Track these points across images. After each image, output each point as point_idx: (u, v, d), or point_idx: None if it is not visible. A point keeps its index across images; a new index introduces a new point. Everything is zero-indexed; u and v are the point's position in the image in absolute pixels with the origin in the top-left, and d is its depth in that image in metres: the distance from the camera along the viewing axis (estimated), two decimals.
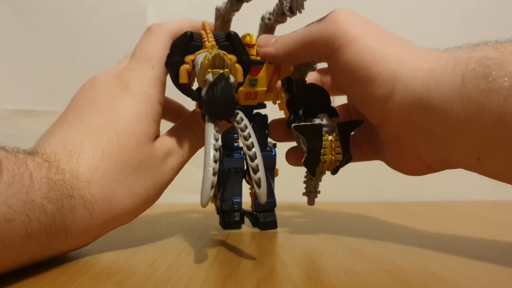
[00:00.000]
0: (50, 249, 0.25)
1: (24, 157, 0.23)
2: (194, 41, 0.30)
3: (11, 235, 0.21)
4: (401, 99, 0.28)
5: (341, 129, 0.31)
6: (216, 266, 0.26)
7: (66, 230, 0.25)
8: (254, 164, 0.25)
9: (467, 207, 0.56)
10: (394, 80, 0.28)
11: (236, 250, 0.30)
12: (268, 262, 0.27)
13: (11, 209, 0.21)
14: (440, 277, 0.24)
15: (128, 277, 0.23)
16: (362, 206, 0.54)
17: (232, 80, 0.27)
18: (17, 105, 0.59)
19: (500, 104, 0.23)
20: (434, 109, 0.26)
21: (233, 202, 0.37)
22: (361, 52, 0.29)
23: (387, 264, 0.27)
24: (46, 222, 0.23)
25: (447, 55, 0.27)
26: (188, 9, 0.62)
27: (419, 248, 0.31)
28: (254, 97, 0.35)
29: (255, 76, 0.34)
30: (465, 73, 0.25)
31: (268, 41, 0.34)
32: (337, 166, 0.32)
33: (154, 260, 0.27)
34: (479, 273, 0.26)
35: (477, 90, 0.24)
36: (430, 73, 0.27)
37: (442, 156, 0.28)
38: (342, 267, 0.26)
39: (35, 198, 0.22)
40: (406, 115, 0.28)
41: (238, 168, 0.37)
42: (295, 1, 0.30)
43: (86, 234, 0.27)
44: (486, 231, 0.40)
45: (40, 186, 0.23)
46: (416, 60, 0.28)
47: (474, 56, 0.25)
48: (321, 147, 0.31)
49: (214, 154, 0.24)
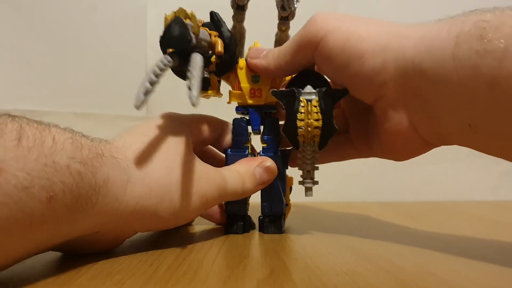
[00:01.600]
0: (79, 214, 0.23)
1: (47, 124, 0.22)
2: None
3: (30, 202, 0.20)
4: (394, 68, 0.28)
5: (322, 96, 0.32)
6: (216, 266, 0.26)
7: (97, 191, 0.23)
8: (191, 74, 0.27)
9: (467, 207, 0.56)
10: (385, 52, 0.28)
11: (236, 251, 0.30)
12: (268, 262, 0.27)
13: (29, 175, 0.20)
14: (440, 278, 0.24)
15: (128, 277, 0.23)
16: (362, 206, 0.54)
17: (190, 25, 0.29)
18: (17, 105, 0.59)
19: (494, 67, 0.23)
20: (427, 73, 0.26)
21: (237, 206, 0.36)
22: (343, 35, 0.29)
23: (387, 264, 0.27)
24: (70, 182, 0.21)
25: (440, 22, 0.27)
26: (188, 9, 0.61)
27: (419, 248, 0.31)
28: (259, 94, 0.36)
29: (257, 72, 0.35)
30: (459, 35, 0.24)
31: (259, 53, 0.34)
32: (320, 137, 0.32)
33: (154, 260, 0.27)
34: (479, 273, 0.26)
35: (471, 52, 0.24)
36: (422, 39, 0.27)
37: (436, 125, 0.28)
38: (342, 267, 0.26)
39: (58, 159, 0.21)
40: (400, 84, 0.28)
41: None
42: (285, 0, 0.33)
43: (115, 208, 0.25)
44: (486, 231, 0.40)
45: (63, 147, 0.22)
46: (406, 30, 0.28)
47: (469, 19, 0.25)
48: (297, 111, 0.32)
49: (156, 69, 0.27)
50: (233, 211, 0.36)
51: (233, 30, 0.37)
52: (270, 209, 0.36)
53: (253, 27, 0.38)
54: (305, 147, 0.33)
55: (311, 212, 0.48)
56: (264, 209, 0.36)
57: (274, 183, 0.35)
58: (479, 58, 0.23)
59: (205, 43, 0.32)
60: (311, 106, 0.32)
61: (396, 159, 0.33)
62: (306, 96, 0.32)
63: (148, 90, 0.26)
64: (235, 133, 0.36)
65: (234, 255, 0.29)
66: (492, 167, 0.65)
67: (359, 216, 0.48)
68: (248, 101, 0.36)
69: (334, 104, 0.32)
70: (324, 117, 0.32)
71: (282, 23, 0.36)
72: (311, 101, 0.32)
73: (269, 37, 0.38)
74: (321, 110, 0.32)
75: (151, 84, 0.26)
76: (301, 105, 0.32)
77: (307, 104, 0.32)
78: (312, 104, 0.32)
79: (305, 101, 0.32)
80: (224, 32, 0.34)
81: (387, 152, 0.33)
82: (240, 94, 0.36)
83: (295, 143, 0.33)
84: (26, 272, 0.23)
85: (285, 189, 0.36)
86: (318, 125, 0.32)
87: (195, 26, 0.30)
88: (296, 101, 0.32)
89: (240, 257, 0.28)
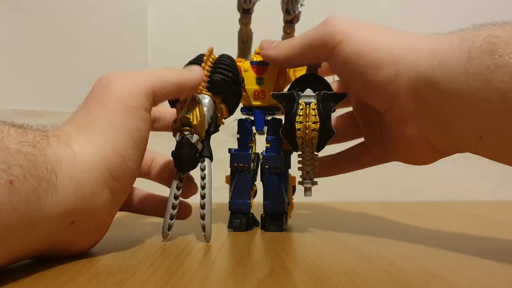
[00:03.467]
0: (46, 198, 0.22)
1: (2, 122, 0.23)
2: None
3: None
4: (406, 79, 0.28)
5: (321, 99, 0.32)
6: (216, 266, 0.26)
7: (54, 170, 0.23)
8: (203, 212, 0.32)
9: (468, 207, 0.56)
10: (397, 63, 0.28)
11: (236, 250, 0.30)
12: (268, 262, 0.27)
13: None
14: (440, 277, 0.24)
15: (128, 277, 0.23)
16: (362, 206, 0.54)
17: (195, 139, 0.31)
18: (18, 105, 0.59)
19: (505, 80, 0.23)
20: (439, 86, 0.27)
21: (240, 204, 0.37)
22: (360, 42, 0.30)
23: (387, 264, 0.27)
24: (27, 165, 0.21)
25: (452, 36, 0.27)
26: (188, 9, 0.62)
27: (420, 248, 0.31)
28: (263, 96, 0.37)
29: (262, 75, 0.37)
30: (471, 50, 0.25)
31: (270, 44, 0.35)
32: (318, 139, 0.32)
33: (154, 260, 0.27)
34: (480, 273, 0.26)
35: (483, 67, 0.24)
36: (434, 52, 0.27)
37: (447, 136, 0.29)
38: (342, 267, 0.26)
39: (9, 144, 0.21)
40: (412, 95, 0.28)
41: (246, 166, 0.37)
42: (290, 3, 0.35)
43: (76, 181, 0.24)
44: (486, 231, 0.39)
45: (9, 133, 0.22)
46: (419, 42, 0.29)
47: (480, 34, 0.25)
48: (295, 114, 0.32)
49: (173, 202, 0.32)
50: (237, 208, 0.37)
51: (239, 32, 0.38)
52: (272, 207, 0.37)
53: (259, 30, 0.39)
54: (304, 148, 0.33)
55: (312, 211, 0.48)
56: (266, 208, 0.37)
57: (276, 182, 0.36)
58: (490, 72, 0.24)
59: (212, 118, 0.33)
60: (309, 109, 0.32)
61: (414, 164, 0.33)
62: (305, 99, 0.32)
63: (171, 225, 0.32)
64: (240, 133, 0.38)
65: (234, 254, 0.29)
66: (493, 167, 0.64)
67: (359, 216, 0.48)
68: (252, 103, 0.37)
69: (332, 107, 0.32)
70: (322, 120, 0.32)
71: (287, 26, 0.37)
72: (309, 104, 0.32)
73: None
74: (319, 113, 0.32)
75: (171, 219, 0.32)
76: (300, 108, 0.32)
77: (306, 107, 0.32)
78: (311, 107, 0.32)
79: (304, 103, 0.32)
80: (228, 99, 0.34)
81: (404, 157, 0.33)
82: (245, 95, 0.37)
83: (294, 144, 0.33)
84: (26, 272, 0.23)
85: (287, 188, 0.37)
86: (315, 127, 0.32)
87: (202, 132, 0.32)
88: (295, 103, 0.32)
89: (240, 256, 0.28)
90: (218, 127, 0.34)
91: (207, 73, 0.33)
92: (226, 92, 0.33)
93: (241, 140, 0.38)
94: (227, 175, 0.38)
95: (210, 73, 0.33)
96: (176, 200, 0.32)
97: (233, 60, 0.35)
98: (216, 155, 0.34)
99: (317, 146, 0.33)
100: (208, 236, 0.32)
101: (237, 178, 0.37)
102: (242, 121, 0.38)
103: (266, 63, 0.37)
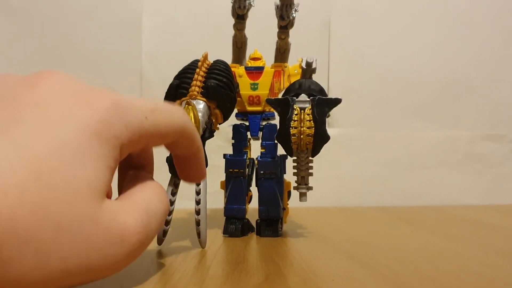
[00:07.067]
0: None
1: None
2: (181, 87, 0.33)
3: None
4: None
5: (315, 105, 0.32)
6: (211, 272, 0.26)
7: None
8: (198, 218, 0.32)
9: (463, 212, 0.56)
10: None
11: (232, 256, 0.30)
12: (263, 267, 0.27)
13: None
14: (436, 281, 0.24)
15: (123, 283, 0.23)
16: (358, 211, 0.54)
17: None
18: None
19: None
20: None
21: (236, 210, 0.37)
22: None
23: (383, 268, 0.26)
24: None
25: None
26: (183, 15, 0.62)
27: (415, 253, 0.31)
28: (257, 101, 0.37)
29: (256, 80, 0.37)
30: None
31: None
32: (313, 144, 0.32)
33: (149, 265, 0.26)
34: (475, 277, 0.26)
35: None
36: None
37: None
38: (337, 272, 0.26)
39: None
40: None
41: (241, 172, 0.37)
42: (284, 9, 0.35)
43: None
44: (481, 235, 0.40)
45: None
46: None
47: None
48: (290, 119, 0.32)
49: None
50: (232, 214, 0.37)
51: (234, 38, 0.38)
52: (267, 213, 0.36)
53: (254, 36, 0.39)
54: (299, 154, 0.33)
55: (307, 217, 0.48)
56: (261, 213, 0.37)
57: (271, 187, 0.36)
58: None
59: (207, 123, 0.33)
60: (304, 114, 0.32)
61: None
62: (300, 104, 0.33)
63: (165, 231, 0.32)
64: (235, 138, 0.38)
65: (230, 260, 0.29)
66: (487, 171, 0.65)
67: (355, 220, 0.48)
68: (247, 108, 0.37)
69: (327, 112, 0.32)
70: (317, 125, 0.32)
71: (281, 32, 0.37)
72: (304, 109, 0.32)
73: (269, 45, 0.39)
74: (314, 118, 0.32)
75: (166, 225, 0.31)
76: (295, 113, 0.32)
77: (300, 112, 0.32)
78: (306, 112, 0.32)
79: (299, 109, 0.32)
80: (222, 105, 0.33)
81: None
82: (240, 101, 0.37)
83: (289, 150, 0.33)
84: None
85: (282, 194, 0.37)
86: (310, 132, 0.32)
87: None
88: (290, 109, 0.32)
89: (236, 262, 0.28)
90: (213, 133, 0.34)
91: (202, 78, 0.33)
92: (221, 97, 0.33)
93: (236, 146, 0.38)
94: (222, 181, 0.38)
95: (205, 79, 0.33)
96: (171, 206, 0.32)
97: (228, 65, 0.35)
98: (211, 160, 0.34)
99: (312, 151, 0.33)
100: (203, 241, 0.32)
101: (232, 184, 0.37)
102: (237, 127, 0.38)
103: (261, 69, 0.37)
